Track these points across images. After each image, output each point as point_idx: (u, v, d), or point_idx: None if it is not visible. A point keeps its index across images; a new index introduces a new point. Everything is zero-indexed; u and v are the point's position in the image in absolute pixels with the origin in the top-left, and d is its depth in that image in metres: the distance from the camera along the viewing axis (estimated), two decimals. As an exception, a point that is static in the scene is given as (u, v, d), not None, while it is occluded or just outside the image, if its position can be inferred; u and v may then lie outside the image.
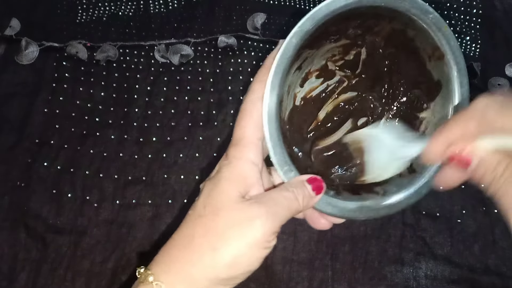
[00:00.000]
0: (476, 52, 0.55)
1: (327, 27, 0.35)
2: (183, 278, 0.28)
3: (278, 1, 0.58)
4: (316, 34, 0.35)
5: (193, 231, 0.29)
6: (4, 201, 0.48)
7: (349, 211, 0.33)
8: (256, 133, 0.31)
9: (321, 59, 0.39)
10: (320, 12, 0.32)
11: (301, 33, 0.32)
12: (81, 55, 0.54)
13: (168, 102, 0.53)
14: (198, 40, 0.55)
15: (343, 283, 0.46)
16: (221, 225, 0.28)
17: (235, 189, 0.30)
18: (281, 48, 0.31)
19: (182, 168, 0.50)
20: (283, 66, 0.31)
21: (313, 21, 0.32)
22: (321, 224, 0.35)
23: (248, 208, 0.29)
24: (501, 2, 0.57)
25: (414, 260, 0.47)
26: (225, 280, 0.28)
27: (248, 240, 0.28)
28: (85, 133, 0.51)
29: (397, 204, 0.34)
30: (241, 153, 0.31)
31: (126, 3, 0.57)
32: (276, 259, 0.47)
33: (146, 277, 0.28)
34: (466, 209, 0.48)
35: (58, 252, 0.47)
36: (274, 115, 0.31)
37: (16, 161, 0.50)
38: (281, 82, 0.32)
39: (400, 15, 0.34)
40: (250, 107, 0.31)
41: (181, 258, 0.29)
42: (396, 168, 0.36)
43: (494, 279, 0.46)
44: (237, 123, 0.32)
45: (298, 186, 0.31)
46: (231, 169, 0.30)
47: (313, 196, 0.31)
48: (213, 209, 0.29)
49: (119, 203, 0.49)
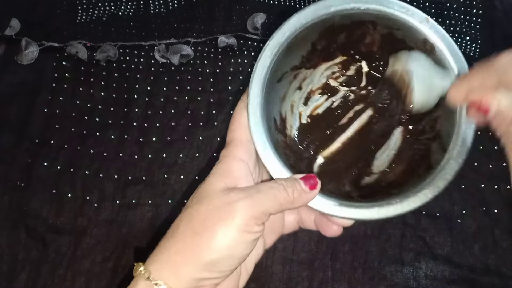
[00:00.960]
0: (476, 52, 0.55)
1: (313, 43, 0.36)
2: (169, 266, 0.29)
3: (278, 1, 0.58)
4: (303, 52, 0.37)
5: (179, 222, 0.31)
6: (4, 201, 0.48)
7: (356, 210, 0.33)
8: (245, 135, 0.33)
9: (321, 77, 0.40)
10: (289, 25, 0.34)
11: (273, 44, 0.34)
12: (81, 55, 0.54)
13: (168, 102, 0.53)
14: (198, 40, 0.55)
15: (343, 283, 0.46)
16: (203, 212, 0.30)
17: (221, 181, 0.31)
18: (257, 61, 0.34)
19: (182, 168, 0.50)
20: (261, 76, 0.34)
21: (283, 34, 0.34)
22: (332, 231, 0.35)
23: (228, 195, 0.30)
24: (501, 2, 0.57)
25: (414, 260, 0.47)
26: (208, 264, 0.29)
27: (227, 223, 0.29)
28: (85, 133, 0.51)
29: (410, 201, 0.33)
30: (230, 152, 0.33)
31: (126, 3, 0.57)
32: (276, 259, 0.47)
33: (138, 268, 0.30)
34: (466, 209, 0.48)
35: (58, 252, 0.47)
36: (259, 119, 0.33)
37: (16, 161, 0.50)
38: (263, 92, 0.34)
39: (378, 18, 0.35)
40: (239, 113, 0.34)
41: (167, 247, 0.30)
42: (436, 98, 0.35)
43: (494, 279, 0.46)
44: (229, 128, 0.34)
45: (288, 180, 0.32)
46: (219, 165, 0.33)
47: (307, 191, 0.32)
48: (198, 199, 0.31)
49: (119, 203, 0.49)
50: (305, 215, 0.37)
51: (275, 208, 0.30)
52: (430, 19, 0.35)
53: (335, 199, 0.33)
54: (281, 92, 0.38)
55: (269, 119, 0.35)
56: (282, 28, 0.34)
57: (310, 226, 0.37)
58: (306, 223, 0.37)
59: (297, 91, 0.40)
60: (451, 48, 0.35)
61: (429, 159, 0.35)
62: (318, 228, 0.36)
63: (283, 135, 0.38)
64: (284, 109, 0.39)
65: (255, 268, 0.43)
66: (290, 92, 0.39)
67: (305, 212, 0.37)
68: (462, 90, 0.29)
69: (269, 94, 0.34)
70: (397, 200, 0.33)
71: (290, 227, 0.38)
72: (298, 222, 0.37)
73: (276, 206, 0.30)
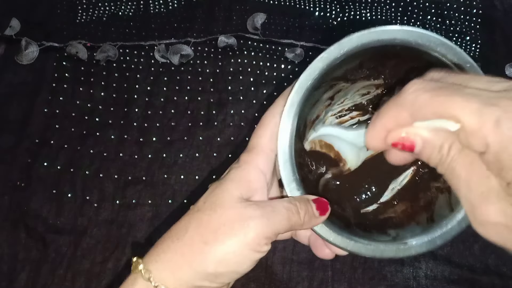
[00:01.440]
0: (476, 52, 0.55)
1: (361, 61, 0.35)
2: (171, 267, 0.28)
3: (278, 1, 0.58)
4: (349, 66, 0.35)
5: (188, 224, 0.30)
6: (4, 201, 0.48)
7: (353, 245, 0.33)
8: (270, 144, 0.32)
9: (356, 94, 0.39)
10: (349, 42, 0.32)
11: (328, 59, 0.32)
12: (81, 55, 0.54)
13: (168, 102, 0.53)
14: (198, 40, 0.55)
15: (343, 283, 0.46)
16: (215, 221, 0.29)
17: (237, 190, 0.30)
18: (306, 69, 0.32)
19: (182, 168, 0.50)
20: (305, 86, 0.32)
21: (341, 49, 0.32)
22: (324, 253, 0.35)
23: (245, 209, 0.29)
24: (501, 2, 0.57)
25: (414, 260, 0.47)
26: (211, 275, 0.28)
27: (239, 239, 0.28)
28: (85, 133, 0.51)
29: (406, 249, 0.33)
30: (251, 159, 0.32)
31: (126, 3, 0.57)
32: (276, 259, 0.47)
33: (137, 265, 0.29)
34: (466, 209, 0.48)
35: (58, 252, 0.47)
36: (289, 131, 0.32)
37: (16, 161, 0.50)
38: (302, 101, 0.32)
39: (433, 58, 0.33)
40: (269, 118, 0.32)
41: (172, 249, 0.29)
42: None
43: (494, 279, 0.46)
44: (254, 132, 0.33)
45: (301, 201, 0.31)
46: (237, 171, 0.31)
47: (317, 215, 0.31)
48: (211, 205, 0.30)
49: (119, 203, 0.49)
50: (301, 231, 0.36)
51: (286, 229, 0.30)
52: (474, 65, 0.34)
53: (335, 227, 0.33)
54: (313, 99, 0.37)
55: (297, 129, 0.34)
56: (340, 42, 0.32)
57: (303, 241, 0.37)
58: (300, 238, 0.37)
59: (328, 101, 0.39)
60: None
61: (432, 211, 0.35)
62: (311, 246, 0.36)
63: (302, 143, 0.38)
64: (311, 117, 0.38)
65: (255, 268, 0.43)
66: (321, 100, 0.38)
67: None
68: (377, 133, 0.27)
69: (304, 103, 0.33)
70: (394, 244, 0.33)
71: (283, 237, 0.37)
72: (292, 233, 0.37)
73: (287, 228, 0.30)
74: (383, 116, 0.26)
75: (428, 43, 0.32)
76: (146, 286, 0.28)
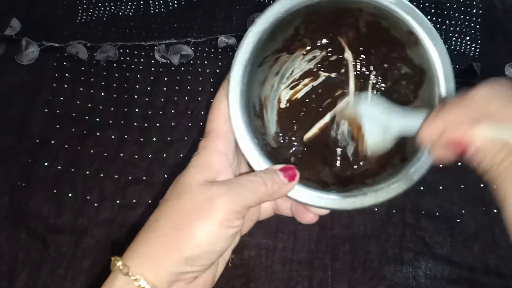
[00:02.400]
0: (476, 52, 0.55)
1: (296, 27, 0.36)
2: (148, 259, 0.29)
3: (278, 1, 0.58)
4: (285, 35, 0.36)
5: (158, 215, 0.30)
6: (4, 201, 0.48)
7: (332, 201, 0.33)
8: (225, 126, 0.32)
9: (302, 62, 0.40)
10: (274, 10, 0.33)
11: (256, 31, 0.33)
12: (81, 55, 0.54)
13: (168, 102, 0.53)
14: (198, 40, 0.55)
15: (343, 282, 0.46)
16: (182, 206, 0.29)
17: (200, 175, 0.31)
18: (239, 47, 0.33)
19: (182, 168, 0.50)
20: (243, 62, 0.33)
21: (267, 19, 0.33)
22: (308, 218, 0.35)
23: (209, 189, 0.30)
24: (501, 2, 0.57)
25: (413, 259, 0.47)
26: (189, 259, 0.29)
27: (208, 218, 0.29)
28: (86, 133, 0.51)
29: (385, 192, 0.33)
30: (209, 143, 0.32)
31: (126, 3, 0.57)
32: (276, 259, 0.47)
33: (115, 263, 0.29)
34: (466, 209, 0.48)
35: (59, 252, 0.47)
36: (239, 108, 0.33)
37: (16, 161, 0.50)
38: (245, 77, 0.33)
39: (365, 6, 0.34)
40: (219, 101, 0.33)
41: (146, 241, 0.30)
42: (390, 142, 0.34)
43: (494, 279, 0.46)
44: (208, 118, 0.33)
45: (267, 172, 0.32)
46: (197, 158, 0.32)
47: (286, 182, 0.32)
48: (177, 193, 0.30)
49: (119, 203, 0.49)
50: (281, 203, 0.36)
51: (255, 202, 0.30)
52: (416, 10, 0.34)
53: (311, 189, 0.33)
54: (262, 77, 0.38)
55: (248, 106, 0.34)
56: (265, 14, 0.33)
57: (286, 213, 0.37)
58: (282, 210, 0.37)
59: (277, 75, 0.39)
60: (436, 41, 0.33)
61: (404, 150, 0.35)
62: (294, 215, 0.36)
63: (262, 120, 0.38)
64: (264, 94, 0.39)
65: (255, 268, 0.43)
66: (270, 76, 0.39)
67: (282, 199, 0.36)
68: (435, 128, 0.27)
69: (249, 81, 0.34)
70: (371, 191, 0.33)
71: (266, 214, 0.37)
72: (274, 209, 0.37)
73: (256, 200, 0.30)
74: (447, 113, 0.26)
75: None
76: (126, 281, 0.28)
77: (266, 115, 0.39)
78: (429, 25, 0.34)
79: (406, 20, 0.34)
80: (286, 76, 0.40)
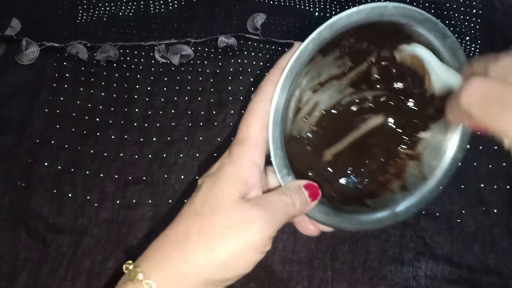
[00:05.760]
0: (476, 52, 0.55)
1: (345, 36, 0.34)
2: (176, 277, 0.27)
3: (278, 1, 0.58)
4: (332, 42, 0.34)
5: (188, 229, 0.28)
6: (4, 201, 0.48)
7: (339, 221, 0.33)
8: (261, 134, 0.31)
9: (332, 65, 0.38)
10: (340, 22, 0.31)
11: (318, 40, 0.31)
12: (81, 55, 0.54)
13: (168, 102, 0.53)
14: (198, 40, 0.55)
15: (343, 282, 0.46)
16: (218, 225, 0.28)
17: (236, 189, 0.29)
18: (297, 51, 0.31)
19: (182, 168, 0.51)
20: (296, 70, 0.31)
21: (332, 30, 0.31)
22: (309, 230, 0.34)
23: (248, 211, 0.28)
24: (501, 2, 0.57)
25: (413, 259, 0.47)
26: (218, 281, 0.28)
27: (245, 243, 0.27)
28: (86, 133, 0.51)
29: (384, 220, 0.34)
30: (245, 153, 0.30)
31: (126, 3, 0.57)
32: (276, 259, 0.47)
33: (136, 274, 0.27)
34: (466, 209, 0.48)
35: (59, 251, 0.47)
36: (280, 118, 0.31)
37: (16, 161, 0.50)
38: (292, 86, 0.31)
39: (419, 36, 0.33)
40: (258, 107, 0.31)
41: (175, 257, 0.28)
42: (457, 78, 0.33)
43: (494, 279, 0.46)
44: (243, 121, 0.31)
45: (295, 191, 0.31)
46: (233, 168, 0.30)
47: (309, 202, 0.31)
48: (211, 207, 0.28)
49: (119, 203, 0.49)
50: None
51: (284, 222, 0.30)
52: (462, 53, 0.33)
53: (320, 205, 0.33)
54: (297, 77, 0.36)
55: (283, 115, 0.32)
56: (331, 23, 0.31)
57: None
58: None
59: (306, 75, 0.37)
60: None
61: (404, 179, 0.35)
62: (296, 225, 0.35)
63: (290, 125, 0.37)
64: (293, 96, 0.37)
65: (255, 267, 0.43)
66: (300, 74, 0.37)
67: None
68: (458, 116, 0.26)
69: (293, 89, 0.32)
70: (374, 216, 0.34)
71: None
72: None
73: (285, 220, 0.30)
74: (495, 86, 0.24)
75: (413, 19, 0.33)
76: None
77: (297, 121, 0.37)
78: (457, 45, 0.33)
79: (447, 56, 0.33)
80: (313, 77, 0.38)
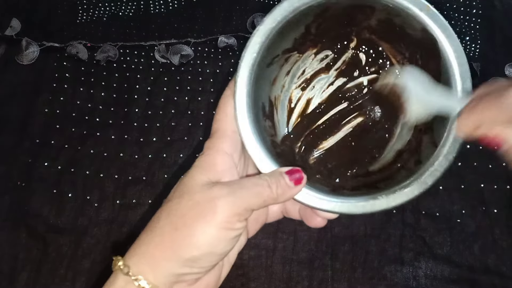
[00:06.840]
0: (476, 52, 0.55)
1: (307, 26, 0.35)
2: (148, 260, 0.29)
3: (278, 1, 0.58)
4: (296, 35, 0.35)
5: (159, 215, 0.30)
6: (4, 201, 0.48)
7: (341, 206, 0.32)
8: (231, 126, 0.32)
9: (314, 61, 0.39)
10: (281, 10, 0.33)
11: (263, 30, 0.33)
12: (81, 55, 0.54)
13: (168, 102, 0.53)
14: (198, 40, 0.55)
15: (343, 282, 0.46)
16: (183, 207, 0.29)
17: (203, 175, 0.30)
18: (245, 48, 0.33)
19: (182, 168, 0.50)
20: (250, 62, 0.33)
21: (275, 19, 0.33)
22: (316, 222, 0.34)
23: (210, 190, 0.29)
24: (501, 2, 0.57)
25: (413, 259, 0.47)
26: (188, 261, 0.28)
27: (208, 220, 0.28)
28: (86, 133, 0.51)
29: (398, 197, 0.32)
30: (214, 144, 0.32)
31: (126, 3, 0.57)
32: (276, 259, 0.47)
33: (116, 262, 0.29)
34: (466, 209, 0.48)
35: (59, 251, 0.47)
36: (246, 108, 0.32)
37: (16, 161, 0.50)
38: (253, 78, 0.33)
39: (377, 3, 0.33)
40: (225, 101, 0.33)
41: (146, 241, 0.29)
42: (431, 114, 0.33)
43: (494, 279, 0.46)
44: (214, 118, 0.33)
45: (273, 175, 0.31)
46: (202, 157, 0.32)
47: (291, 186, 0.31)
48: (179, 193, 0.30)
49: (119, 203, 0.49)
50: (289, 205, 0.36)
51: (258, 205, 0.30)
52: (431, 7, 0.33)
53: (320, 192, 0.32)
54: (271, 77, 0.37)
55: (257, 106, 0.34)
56: (272, 13, 0.33)
57: (295, 216, 0.36)
58: (291, 213, 0.36)
59: (288, 75, 0.39)
60: (451, 39, 0.33)
61: (419, 153, 0.34)
62: (302, 219, 0.35)
63: (271, 121, 0.37)
64: (274, 94, 0.38)
65: (255, 268, 0.43)
66: (280, 76, 0.38)
67: (290, 202, 0.35)
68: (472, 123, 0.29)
69: (257, 81, 0.33)
70: (383, 195, 0.32)
71: (274, 216, 0.37)
72: (282, 211, 0.37)
73: (259, 203, 0.30)
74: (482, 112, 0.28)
75: None
76: (126, 281, 0.28)
77: (276, 116, 0.38)
78: (444, 22, 0.33)
79: (420, 17, 0.33)
80: (297, 76, 0.39)
